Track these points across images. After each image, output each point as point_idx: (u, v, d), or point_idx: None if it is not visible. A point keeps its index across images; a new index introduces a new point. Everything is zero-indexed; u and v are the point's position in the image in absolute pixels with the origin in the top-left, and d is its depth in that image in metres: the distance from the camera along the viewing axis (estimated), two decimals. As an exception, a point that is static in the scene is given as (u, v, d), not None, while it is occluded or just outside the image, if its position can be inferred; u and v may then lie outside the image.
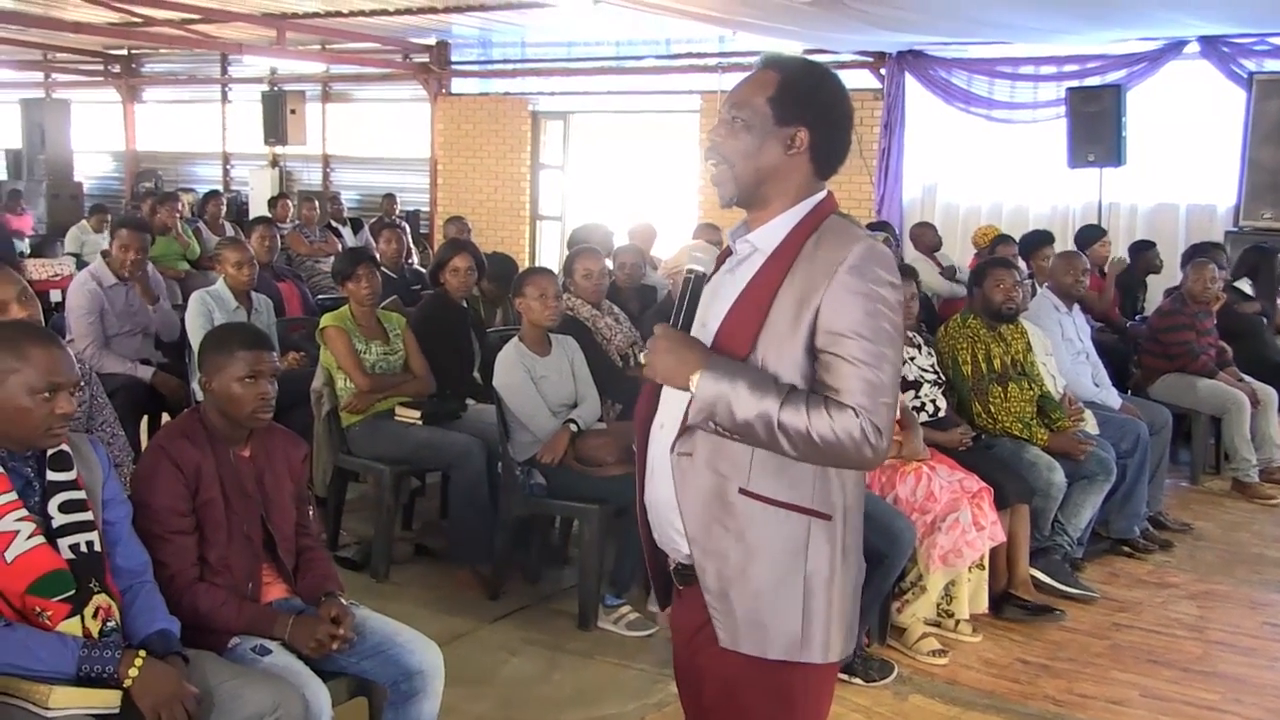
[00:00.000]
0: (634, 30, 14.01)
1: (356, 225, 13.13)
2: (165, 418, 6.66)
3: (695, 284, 2.35)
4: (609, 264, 6.56)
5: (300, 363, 6.21)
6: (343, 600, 3.37)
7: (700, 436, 2.30)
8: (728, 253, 2.48)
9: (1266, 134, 10.52)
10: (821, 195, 2.37)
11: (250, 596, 3.34)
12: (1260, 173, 10.56)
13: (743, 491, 2.29)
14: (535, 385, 5.15)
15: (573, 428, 5.11)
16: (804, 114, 2.32)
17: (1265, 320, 8.34)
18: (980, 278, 5.62)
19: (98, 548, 2.94)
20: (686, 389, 2.26)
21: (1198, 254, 7.79)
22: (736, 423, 2.21)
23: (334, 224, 12.38)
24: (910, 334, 5.50)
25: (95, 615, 2.89)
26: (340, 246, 11.64)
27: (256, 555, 3.40)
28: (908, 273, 5.49)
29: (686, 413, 2.29)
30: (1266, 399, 7.39)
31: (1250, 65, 11.12)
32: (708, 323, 2.36)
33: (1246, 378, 7.46)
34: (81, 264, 9.56)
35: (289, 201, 12.96)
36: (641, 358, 2.44)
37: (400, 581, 5.54)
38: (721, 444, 2.29)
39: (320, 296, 8.15)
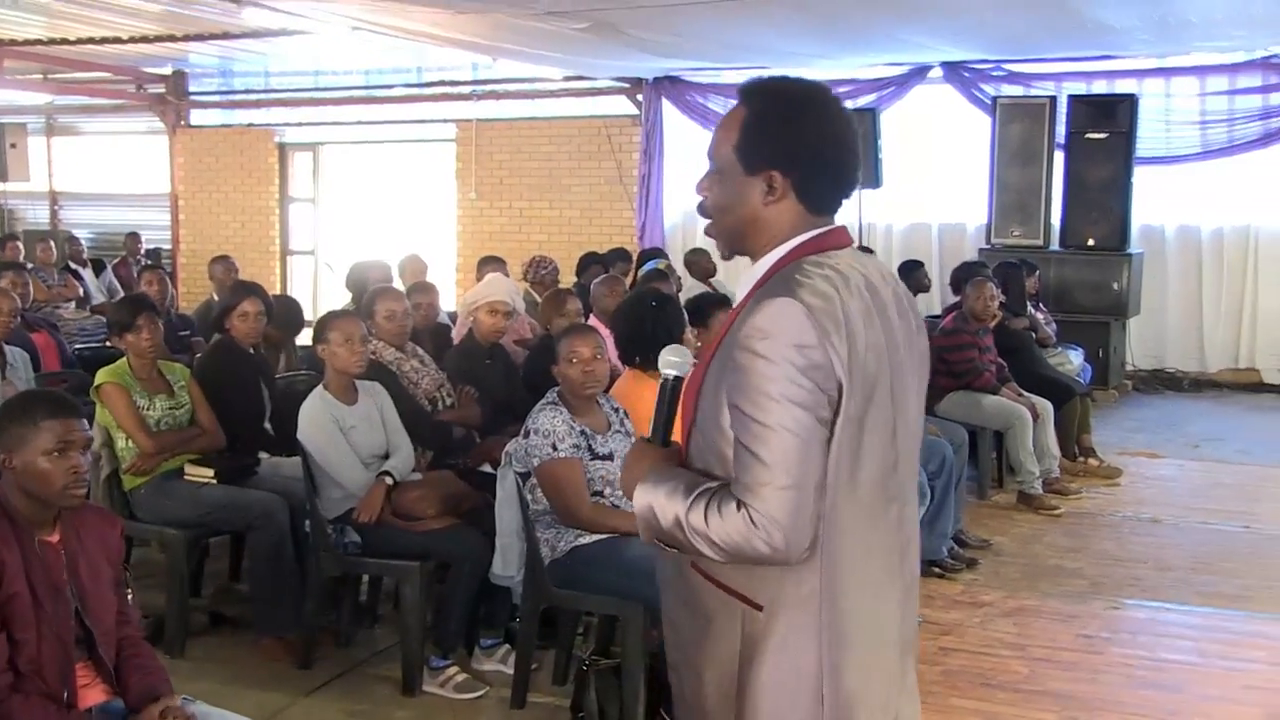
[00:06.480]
0: (384, 59, 13.69)
1: (98, 266, 12.29)
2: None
3: (672, 389, 2.19)
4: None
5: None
6: (178, 701, 2.99)
7: None
8: None
9: (1012, 155, 11.06)
10: (804, 237, 2.09)
11: (67, 703, 2.92)
12: (1008, 192, 11.09)
13: (693, 565, 2.10)
14: (344, 436, 4.82)
15: (388, 480, 4.80)
16: (775, 156, 2.07)
17: (1033, 335, 8.71)
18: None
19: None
20: None
21: (972, 273, 8.03)
22: (664, 531, 2.04)
23: (73, 265, 11.52)
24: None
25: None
26: (80, 290, 10.88)
27: (69, 655, 2.98)
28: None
29: None
30: (1045, 412, 7.66)
31: (990, 90, 11.70)
32: None
33: (1025, 392, 7.72)
34: None
35: (18, 243, 12.01)
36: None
37: (198, 656, 5.06)
38: None
39: (75, 347, 7.50)
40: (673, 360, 2.20)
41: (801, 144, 2.08)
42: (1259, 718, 4.62)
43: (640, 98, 13.48)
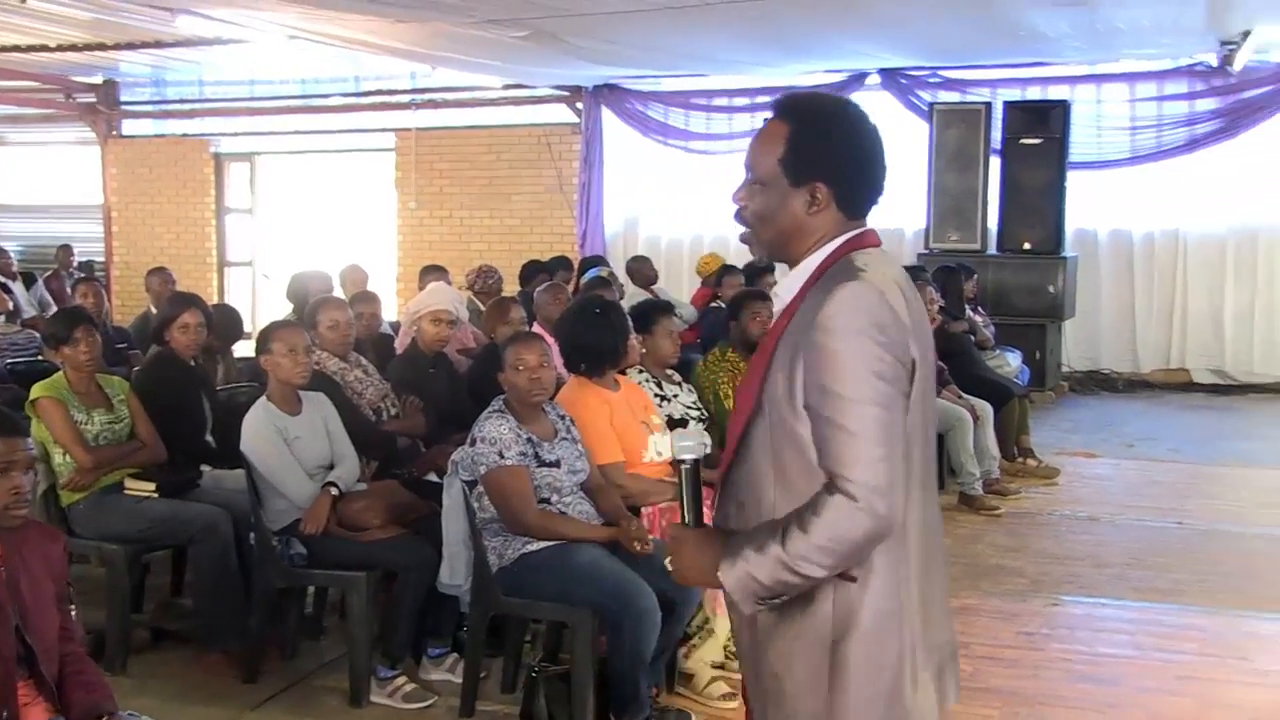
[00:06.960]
0: (321, 67, 13.60)
1: (29, 279, 12.07)
2: None
3: (691, 474, 2.25)
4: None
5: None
6: (122, 718, 2.96)
7: (730, 509, 2.23)
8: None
9: (949, 161, 11.20)
10: (844, 237, 2.20)
11: (9, 721, 2.89)
12: (945, 197, 11.22)
13: None
14: (289, 447, 4.78)
15: (333, 491, 4.77)
16: (820, 168, 2.18)
17: (972, 338, 8.82)
18: (737, 310, 5.64)
19: None
20: (722, 587, 2.13)
21: (911, 277, 8.09)
22: (769, 588, 2.07)
23: (2, 279, 11.30)
24: (669, 371, 5.47)
25: None
26: (11, 304, 10.67)
27: (10, 673, 2.94)
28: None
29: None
30: (984, 414, 7.77)
31: (927, 96, 11.85)
32: None
33: (964, 394, 7.82)
34: None
35: (-57, 257, 11.80)
36: (668, 564, 2.27)
37: (140, 673, 4.98)
38: (744, 505, 2.19)
39: (6, 362, 7.37)
40: (688, 445, 2.25)
41: (843, 157, 2.20)
42: (1193, 707, 4.71)
43: (580, 106, 13.50)
